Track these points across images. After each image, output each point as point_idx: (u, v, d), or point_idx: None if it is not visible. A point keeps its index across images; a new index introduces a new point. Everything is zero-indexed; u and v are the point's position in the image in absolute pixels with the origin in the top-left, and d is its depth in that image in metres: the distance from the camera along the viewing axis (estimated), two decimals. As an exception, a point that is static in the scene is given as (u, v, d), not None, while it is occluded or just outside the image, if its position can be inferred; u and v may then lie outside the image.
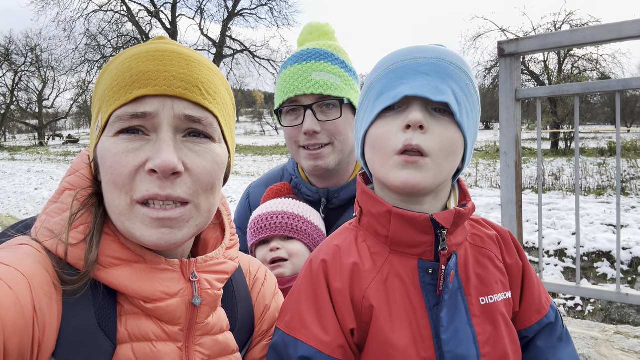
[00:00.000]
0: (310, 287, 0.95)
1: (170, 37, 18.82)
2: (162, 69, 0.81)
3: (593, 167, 12.93)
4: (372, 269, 0.94)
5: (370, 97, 0.96)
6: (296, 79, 1.46)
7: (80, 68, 32.68)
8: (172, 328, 0.84)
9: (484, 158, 17.93)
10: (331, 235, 1.05)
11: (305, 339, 0.91)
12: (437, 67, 0.91)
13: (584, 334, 2.77)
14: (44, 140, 46.21)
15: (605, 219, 7.39)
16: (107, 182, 0.81)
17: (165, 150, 0.79)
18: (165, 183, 0.79)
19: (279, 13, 33.62)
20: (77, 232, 0.81)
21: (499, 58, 2.79)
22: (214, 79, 0.89)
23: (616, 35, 2.40)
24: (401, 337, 0.90)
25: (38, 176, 17.70)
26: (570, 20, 24.22)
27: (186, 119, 0.82)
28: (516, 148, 2.71)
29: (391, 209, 0.92)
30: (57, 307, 0.75)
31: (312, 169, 1.50)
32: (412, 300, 0.93)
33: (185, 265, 0.87)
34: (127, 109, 0.80)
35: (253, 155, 25.19)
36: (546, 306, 1.06)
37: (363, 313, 0.92)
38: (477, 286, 0.96)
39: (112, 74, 0.84)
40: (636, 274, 5.62)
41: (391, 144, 0.90)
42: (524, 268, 1.05)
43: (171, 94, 0.81)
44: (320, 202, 1.58)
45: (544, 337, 1.04)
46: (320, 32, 1.60)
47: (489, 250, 1.02)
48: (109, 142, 0.81)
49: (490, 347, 0.92)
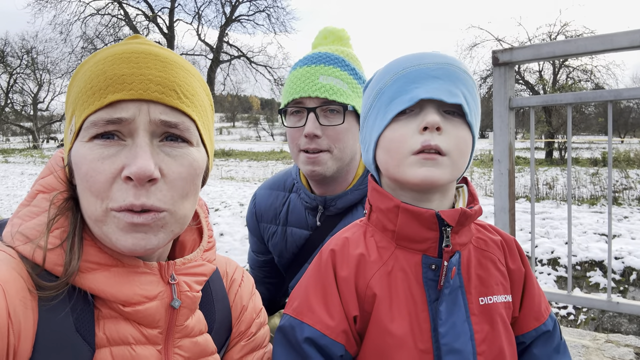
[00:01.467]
0: (318, 275, 1.00)
1: (167, 42, 18.83)
2: (137, 72, 0.79)
3: (586, 177, 13.00)
4: (377, 260, 0.98)
5: (382, 101, 0.98)
6: (303, 81, 1.46)
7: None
8: (151, 331, 0.83)
9: (479, 166, 17.99)
10: (341, 230, 1.09)
11: (311, 323, 0.95)
12: (448, 71, 0.95)
13: (575, 342, 2.78)
14: (38, 143, 45.92)
15: (598, 228, 7.42)
16: (83, 189, 0.79)
17: (141, 156, 0.77)
18: (140, 191, 0.77)
19: (276, 20, 33.78)
20: (54, 236, 0.79)
21: (493, 67, 2.82)
22: (192, 81, 0.86)
23: (609, 46, 2.43)
24: (400, 326, 0.93)
25: (31, 179, 17.58)
26: (565, 31, 24.45)
27: (162, 124, 0.80)
28: (509, 156, 2.73)
29: (399, 204, 0.96)
30: (32, 313, 0.74)
31: (309, 174, 1.50)
32: (414, 294, 0.96)
33: (164, 267, 0.86)
34: (102, 114, 0.78)
35: (248, 160, 25.15)
36: (545, 314, 1.08)
37: (366, 302, 0.96)
38: (478, 286, 1.00)
39: (86, 76, 0.81)
40: (628, 283, 5.64)
41: (408, 146, 0.93)
42: (526, 274, 1.08)
43: (147, 98, 0.78)
44: (317, 209, 1.59)
45: (540, 345, 1.06)
46: (335, 37, 1.60)
47: (491, 254, 1.04)
48: (84, 148, 0.79)
49: (486, 345, 0.95)
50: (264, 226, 1.73)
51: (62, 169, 0.86)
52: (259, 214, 1.74)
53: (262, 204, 1.73)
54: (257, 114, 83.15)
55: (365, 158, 1.06)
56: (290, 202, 1.67)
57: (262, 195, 1.75)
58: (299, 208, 1.64)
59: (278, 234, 1.68)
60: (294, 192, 1.68)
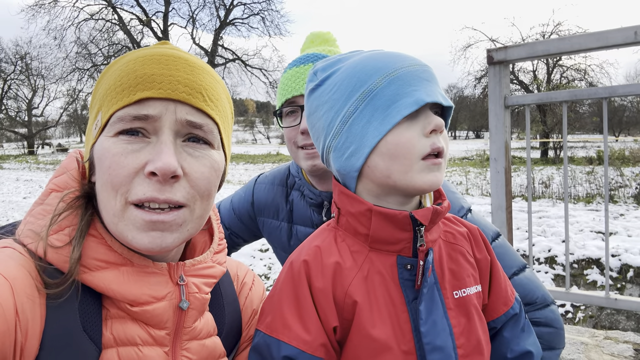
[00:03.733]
0: (291, 288, 0.96)
1: (161, 46, 19.12)
2: (166, 72, 0.81)
3: (582, 175, 13.06)
4: (353, 266, 0.96)
5: (377, 104, 0.93)
6: (294, 81, 1.49)
7: (71, 76, 32.43)
8: (158, 332, 0.83)
9: (475, 166, 18.05)
10: (310, 237, 1.05)
11: (287, 340, 0.91)
12: (432, 74, 0.96)
13: (574, 339, 2.78)
14: (34, 149, 45.76)
15: (595, 226, 7.45)
16: (104, 182, 0.80)
17: (165, 153, 0.78)
18: (165, 186, 0.78)
19: (270, 22, 33.57)
20: (64, 234, 0.79)
21: (488, 66, 2.82)
22: (216, 87, 0.89)
23: (603, 43, 2.44)
24: (382, 330, 0.92)
25: (26, 185, 17.51)
26: (558, 31, 24.58)
27: (187, 124, 0.82)
28: (506, 154, 2.74)
29: (372, 207, 0.94)
30: (40, 310, 0.74)
31: (310, 168, 1.51)
32: (392, 295, 0.95)
33: (173, 268, 0.86)
34: (129, 110, 0.79)
35: (245, 163, 25.13)
36: (512, 298, 1.11)
37: (345, 310, 0.94)
38: (451, 280, 1.00)
39: (115, 75, 0.83)
40: (625, 280, 5.66)
41: (417, 150, 0.91)
42: (492, 262, 1.10)
43: (175, 97, 0.80)
44: (323, 204, 1.59)
45: (509, 328, 1.09)
46: (321, 40, 1.64)
47: (460, 246, 1.05)
48: (108, 142, 0.80)
49: (464, 338, 0.96)
50: (263, 220, 1.75)
51: (75, 168, 0.87)
52: (259, 208, 1.76)
53: (262, 198, 1.75)
54: (252, 117, 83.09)
55: (347, 164, 0.97)
56: (294, 200, 1.67)
57: (262, 189, 1.77)
58: (303, 206, 1.65)
59: (283, 230, 1.69)
60: (295, 189, 1.68)
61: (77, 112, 51.37)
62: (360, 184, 0.98)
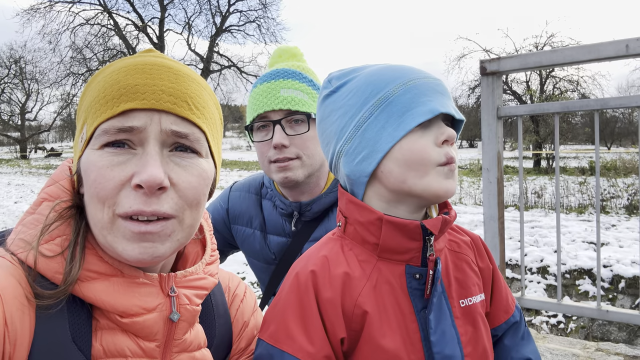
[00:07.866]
0: (297, 298, 0.95)
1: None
2: (150, 82, 0.80)
3: (574, 185, 13.13)
4: (361, 276, 0.96)
5: (392, 110, 0.94)
6: (265, 96, 1.51)
7: (65, 81, 32.34)
8: (148, 344, 0.82)
9: (468, 175, 18.12)
10: (316, 246, 1.05)
11: (291, 351, 0.90)
12: (445, 89, 0.98)
13: (565, 350, 2.78)
14: (26, 153, 45.45)
15: (587, 236, 7.48)
16: (91, 195, 0.79)
17: (151, 165, 0.77)
18: (151, 198, 0.77)
19: (266, 30, 33.70)
20: (55, 244, 0.78)
21: (481, 76, 2.84)
22: (203, 94, 0.87)
23: (595, 55, 2.46)
24: (392, 340, 0.92)
25: (18, 189, 17.36)
26: (551, 42, 24.86)
27: (173, 134, 0.81)
28: (498, 165, 2.75)
29: (382, 216, 0.94)
30: (29, 321, 0.73)
31: (282, 181, 1.53)
32: (401, 305, 0.95)
33: (164, 279, 0.85)
34: (114, 122, 0.78)
35: (239, 170, 25.09)
36: (512, 306, 1.13)
37: (354, 321, 0.93)
38: (457, 289, 1.01)
39: (99, 86, 0.82)
40: (617, 291, 5.68)
41: (432, 157, 0.93)
42: (493, 270, 1.12)
43: (159, 108, 0.79)
44: (293, 215, 1.61)
45: (510, 336, 1.11)
46: (289, 55, 1.67)
47: (465, 255, 1.07)
48: (94, 155, 0.79)
49: (471, 346, 0.97)
50: (238, 228, 1.76)
51: (66, 178, 0.86)
52: (234, 215, 1.77)
53: (236, 205, 1.77)
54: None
55: (358, 168, 0.97)
56: (265, 210, 1.70)
57: (237, 197, 1.78)
58: (275, 215, 1.67)
59: (257, 238, 1.70)
60: (267, 198, 1.71)
61: (70, 116, 51.07)
62: (371, 189, 0.99)
